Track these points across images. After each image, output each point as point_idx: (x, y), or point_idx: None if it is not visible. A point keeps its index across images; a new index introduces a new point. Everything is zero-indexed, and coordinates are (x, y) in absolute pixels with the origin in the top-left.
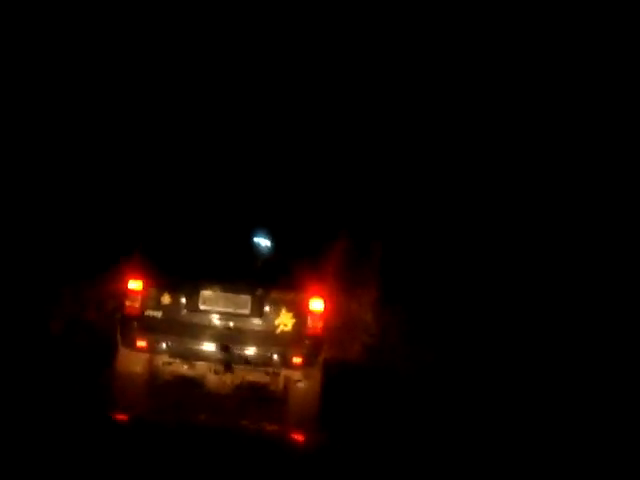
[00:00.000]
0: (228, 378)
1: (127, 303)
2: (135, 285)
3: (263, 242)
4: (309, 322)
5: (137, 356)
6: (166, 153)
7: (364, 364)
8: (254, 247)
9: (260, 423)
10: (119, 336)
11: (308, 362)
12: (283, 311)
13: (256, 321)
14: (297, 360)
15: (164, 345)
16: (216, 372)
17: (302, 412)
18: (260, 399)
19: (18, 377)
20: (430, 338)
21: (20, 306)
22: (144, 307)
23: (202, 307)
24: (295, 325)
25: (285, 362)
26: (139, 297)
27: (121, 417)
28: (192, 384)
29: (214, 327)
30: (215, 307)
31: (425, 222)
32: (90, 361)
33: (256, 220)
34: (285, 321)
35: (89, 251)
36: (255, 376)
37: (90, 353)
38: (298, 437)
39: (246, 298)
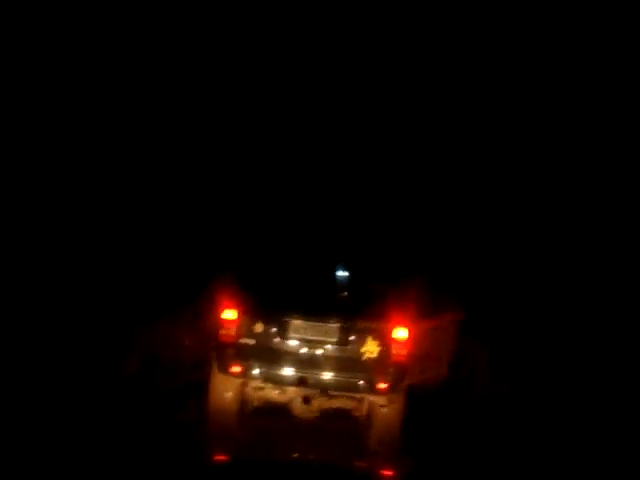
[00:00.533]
0: (315, 403)
1: (222, 332)
2: (230, 315)
3: (347, 272)
4: (393, 350)
5: (231, 381)
6: (246, 183)
7: (444, 390)
8: (339, 278)
9: (349, 457)
10: (215, 362)
11: (392, 388)
12: (369, 339)
13: (343, 349)
14: (382, 386)
15: (257, 371)
16: (305, 397)
17: (385, 436)
18: (344, 424)
19: (98, 421)
20: (511, 369)
21: (91, 348)
22: (238, 335)
23: (292, 335)
24: (380, 352)
25: (371, 388)
26: (234, 326)
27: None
28: (281, 408)
29: (303, 354)
30: (304, 335)
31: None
32: (172, 397)
33: (342, 251)
34: (371, 349)
35: (159, 286)
36: (340, 401)
37: (171, 389)
38: (387, 472)
39: (334, 327)
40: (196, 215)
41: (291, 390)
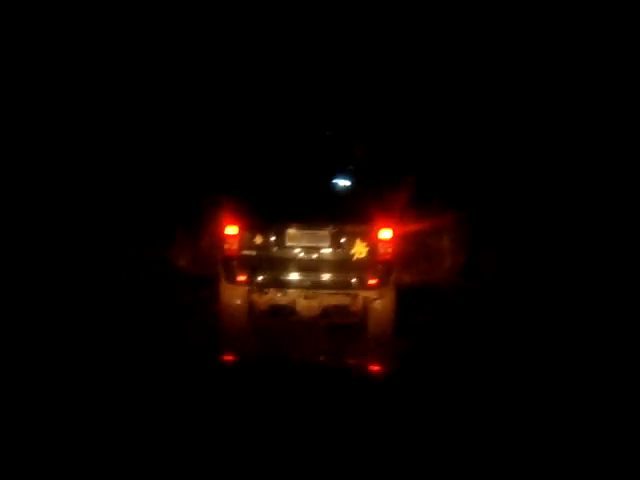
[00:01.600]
0: (315, 302)
1: (226, 246)
2: (232, 230)
3: (339, 181)
4: (380, 249)
5: (237, 289)
6: (244, 97)
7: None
8: (330, 187)
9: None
10: (222, 273)
11: (382, 283)
12: (357, 241)
13: (335, 252)
14: (372, 281)
15: (260, 278)
16: (305, 297)
17: (380, 326)
18: (343, 318)
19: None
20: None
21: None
22: (241, 248)
23: (289, 244)
24: (368, 252)
25: (362, 284)
26: (236, 240)
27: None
28: (285, 309)
29: (301, 259)
30: (300, 243)
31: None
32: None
33: (333, 161)
34: (360, 250)
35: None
36: (337, 299)
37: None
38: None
39: (326, 233)
40: (190, 139)
41: (293, 292)
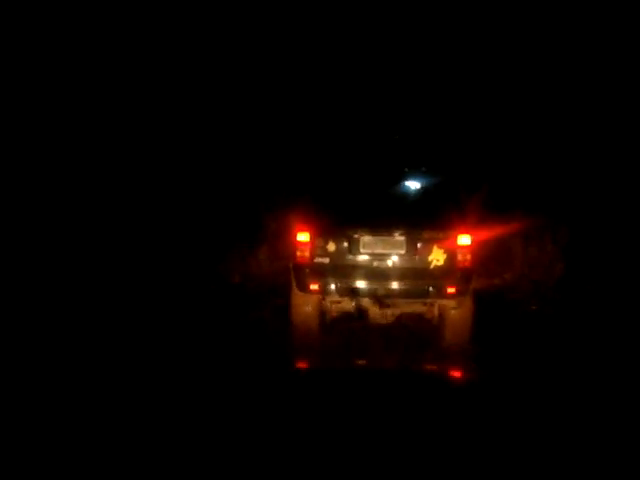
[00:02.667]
0: (389, 310)
1: (298, 253)
2: (304, 237)
3: (413, 186)
4: (459, 256)
5: (309, 297)
6: (312, 102)
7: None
8: (405, 192)
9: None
10: (293, 281)
11: (460, 291)
12: (435, 248)
13: (411, 259)
14: (451, 290)
15: (332, 286)
16: (380, 306)
17: (457, 335)
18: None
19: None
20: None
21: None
22: (313, 255)
23: (363, 250)
24: (446, 260)
25: (440, 293)
26: (308, 247)
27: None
28: (358, 318)
29: (375, 267)
30: (374, 250)
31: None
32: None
33: (406, 167)
34: (437, 257)
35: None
36: (413, 308)
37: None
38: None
39: (401, 239)
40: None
41: (366, 301)
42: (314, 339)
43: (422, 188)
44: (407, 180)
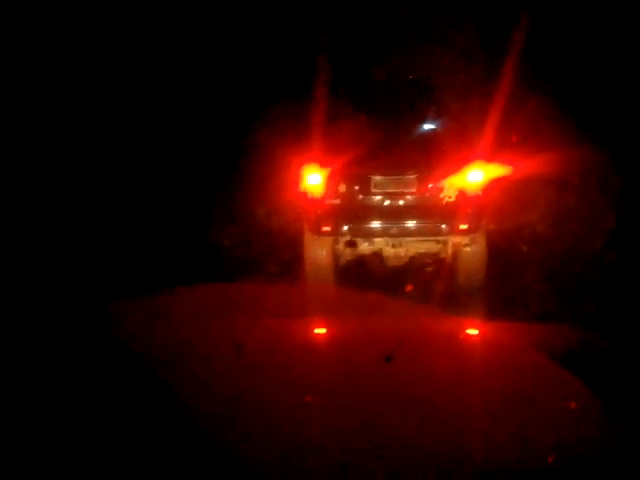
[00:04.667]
0: (402, 250)
1: (309, 195)
2: (315, 179)
3: (424, 124)
4: (470, 192)
5: (322, 239)
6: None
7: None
8: (415, 130)
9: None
10: (305, 223)
11: (473, 228)
12: (447, 185)
13: (423, 197)
14: (463, 227)
15: (345, 227)
16: (393, 246)
17: (471, 273)
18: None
19: None
20: None
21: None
22: (324, 197)
23: (374, 191)
24: (458, 196)
25: (452, 230)
26: (319, 189)
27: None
28: (372, 258)
29: (387, 207)
30: (386, 189)
31: None
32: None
33: (417, 104)
34: (449, 194)
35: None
36: (426, 246)
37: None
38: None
39: (412, 178)
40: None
41: (379, 241)
42: (328, 283)
43: (434, 125)
44: (420, 119)
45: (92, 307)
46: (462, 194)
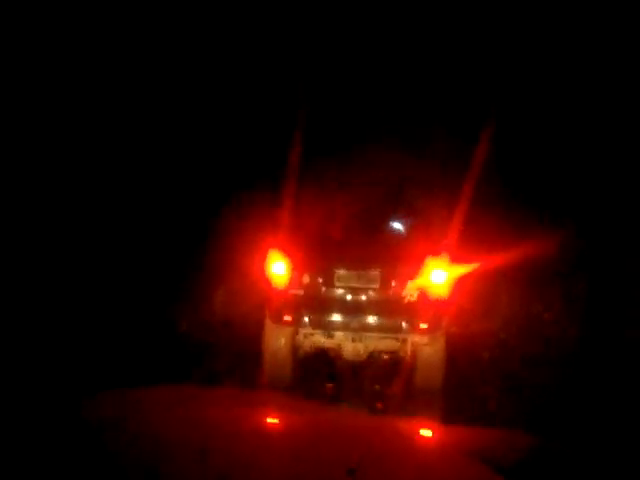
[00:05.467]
0: (362, 345)
1: (273, 284)
2: (279, 268)
3: (390, 222)
4: (433, 292)
5: (282, 329)
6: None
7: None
8: (381, 228)
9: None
10: (267, 311)
11: (433, 327)
12: (409, 283)
13: (385, 294)
14: (423, 326)
15: (306, 318)
16: (353, 340)
17: (429, 373)
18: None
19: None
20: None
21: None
22: (288, 286)
23: (338, 284)
24: (420, 295)
25: (413, 328)
26: (283, 279)
27: None
28: (331, 352)
29: (349, 301)
30: (349, 283)
31: None
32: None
33: (384, 201)
34: (411, 292)
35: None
36: (386, 343)
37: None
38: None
39: (376, 274)
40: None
41: (339, 335)
42: (286, 374)
43: (400, 224)
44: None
45: (66, 399)
46: (424, 293)
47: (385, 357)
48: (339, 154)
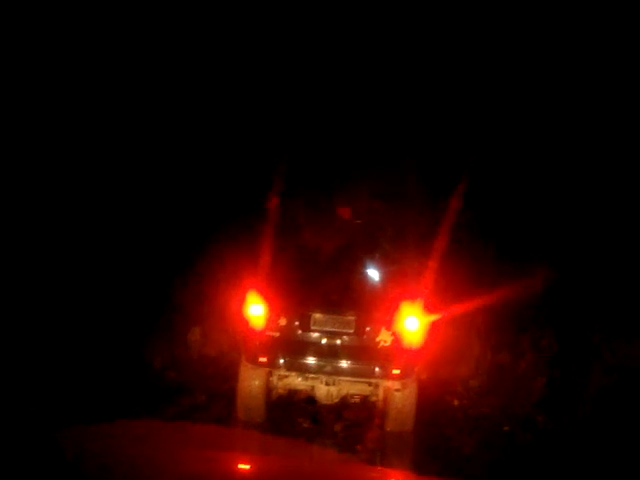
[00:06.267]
0: (335, 389)
1: (250, 325)
2: (257, 310)
3: (366, 268)
4: (406, 339)
5: (257, 370)
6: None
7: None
8: (357, 274)
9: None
10: (243, 352)
11: (405, 373)
12: (383, 329)
13: (359, 339)
14: (396, 371)
15: (281, 361)
16: (326, 383)
17: (400, 418)
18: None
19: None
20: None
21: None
22: (264, 329)
23: (313, 327)
24: (394, 341)
25: (385, 374)
26: (260, 320)
27: None
28: (304, 394)
29: (324, 345)
30: (324, 328)
31: None
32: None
33: (360, 247)
34: (385, 338)
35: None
36: (358, 388)
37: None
38: None
39: (351, 319)
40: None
41: (313, 377)
42: (259, 414)
43: (376, 270)
44: (363, 263)
45: (42, 433)
46: (398, 339)
47: (358, 400)
48: (318, 199)
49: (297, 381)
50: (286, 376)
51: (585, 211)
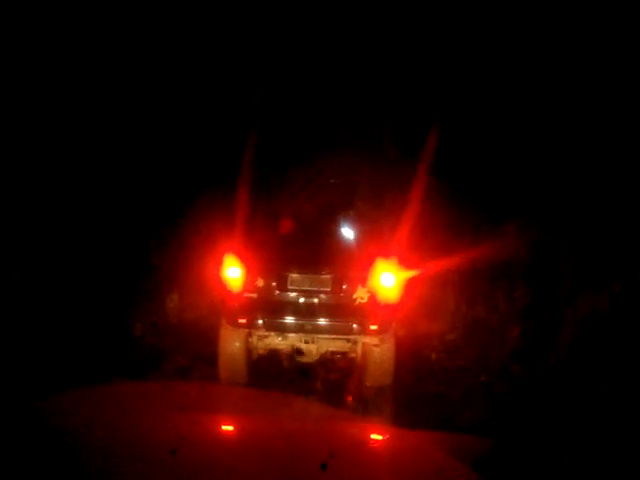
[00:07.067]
0: (314, 347)
1: (228, 288)
2: (235, 272)
3: (341, 226)
4: (382, 295)
5: (237, 331)
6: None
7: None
8: (333, 232)
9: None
10: (222, 315)
11: (382, 329)
12: (359, 287)
13: (337, 297)
14: (373, 327)
15: (260, 321)
16: (305, 342)
17: (379, 373)
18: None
19: None
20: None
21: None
22: (242, 291)
23: (290, 287)
24: (370, 298)
25: (363, 330)
26: (238, 282)
27: None
28: (284, 353)
29: (301, 304)
30: (301, 287)
31: None
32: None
33: (336, 206)
34: (361, 295)
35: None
36: (337, 345)
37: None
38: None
39: (327, 278)
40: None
41: (292, 337)
42: (241, 375)
43: (350, 228)
44: (338, 221)
45: (24, 402)
46: (374, 296)
47: (337, 357)
48: (293, 159)
49: (277, 341)
50: (266, 336)
51: (558, 168)
